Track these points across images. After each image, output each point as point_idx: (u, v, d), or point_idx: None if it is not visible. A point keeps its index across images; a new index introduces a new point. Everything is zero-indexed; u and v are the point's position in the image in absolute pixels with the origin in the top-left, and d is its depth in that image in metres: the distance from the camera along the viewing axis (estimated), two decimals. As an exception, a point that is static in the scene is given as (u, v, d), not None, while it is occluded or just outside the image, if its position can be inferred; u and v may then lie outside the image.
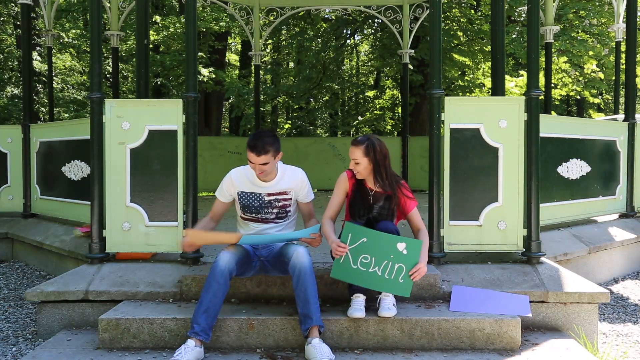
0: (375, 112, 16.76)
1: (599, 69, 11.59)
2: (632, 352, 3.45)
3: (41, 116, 13.60)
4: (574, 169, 4.88)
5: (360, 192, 3.40)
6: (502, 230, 3.77)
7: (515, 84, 11.69)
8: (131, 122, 3.80)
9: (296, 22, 14.17)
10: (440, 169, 3.73)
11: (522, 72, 12.78)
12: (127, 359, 3.00)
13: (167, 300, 3.52)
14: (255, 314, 3.22)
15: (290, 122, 17.65)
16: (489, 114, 3.76)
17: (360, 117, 17.04)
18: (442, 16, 7.78)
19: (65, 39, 14.46)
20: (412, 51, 9.08)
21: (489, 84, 12.98)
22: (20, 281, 5.11)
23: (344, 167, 3.69)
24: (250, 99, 13.48)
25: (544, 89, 6.83)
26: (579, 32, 11.31)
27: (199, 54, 12.63)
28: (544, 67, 7.36)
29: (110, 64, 11.43)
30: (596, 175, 5.15)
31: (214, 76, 12.98)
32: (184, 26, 11.13)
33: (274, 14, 8.90)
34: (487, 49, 12.00)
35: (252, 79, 14.38)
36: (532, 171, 3.74)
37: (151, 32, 11.75)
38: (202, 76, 12.54)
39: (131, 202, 3.81)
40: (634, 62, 5.78)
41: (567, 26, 11.08)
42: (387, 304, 3.15)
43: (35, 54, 12.75)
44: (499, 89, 4.27)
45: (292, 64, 18.56)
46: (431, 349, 3.12)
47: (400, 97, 13.64)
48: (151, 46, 12.20)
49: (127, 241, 3.82)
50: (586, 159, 5.01)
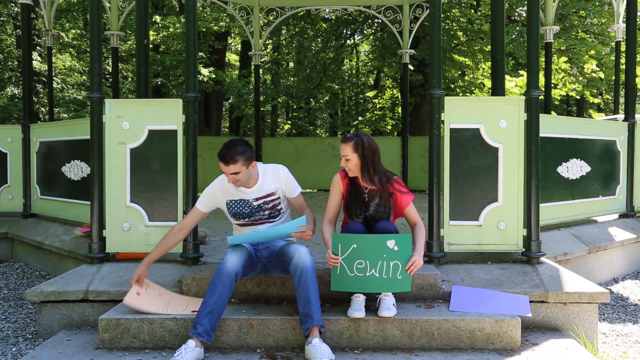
0: (375, 112, 16.75)
1: (598, 69, 11.60)
2: (632, 352, 3.45)
3: (41, 116, 13.60)
4: (574, 169, 4.88)
5: (355, 191, 3.40)
6: (502, 230, 3.77)
7: (515, 84, 11.69)
8: (131, 122, 3.80)
9: (296, 22, 14.17)
10: (440, 169, 3.73)
11: (522, 72, 12.77)
12: (127, 359, 3.00)
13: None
14: (255, 313, 3.22)
15: (290, 122, 17.65)
16: (489, 114, 3.76)
17: (360, 117, 17.04)
18: (442, 16, 7.80)
19: (65, 39, 14.47)
20: (412, 51, 9.08)
21: (489, 84, 12.99)
22: (20, 281, 5.11)
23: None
24: (250, 99, 13.49)
25: (544, 89, 6.83)
26: (579, 32, 11.31)
27: (199, 54, 12.63)
28: (544, 67, 7.36)
29: (110, 64, 11.43)
30: (596, 175, 5.15)
31: (214, 76, 12.98)
32: (184, 26, 11.13)
33: (274, 14, 8.90)
34: (487, 49, 12.00)
35: (252, 79, 14.38)
36: (532, 171, 3.74)
37: (151, 32, 11.75)
38: (202, 76, 12.55)
39: (131, 202, 3.81)
40: (634, 62, 5.78)
41: (567, 25, 11.08)
42: (387, 304, 3.15)
43: (35, 54, 12.76)
44: (499, 89, 4.27)
45: (292, 64, 18.57)
46: (431, 349, 3.12)
47: (400, 97, 13.64)
48: (151, 46, 12.21)
49: (127, 241, 3.83)
50: (586, 159, 5.01)
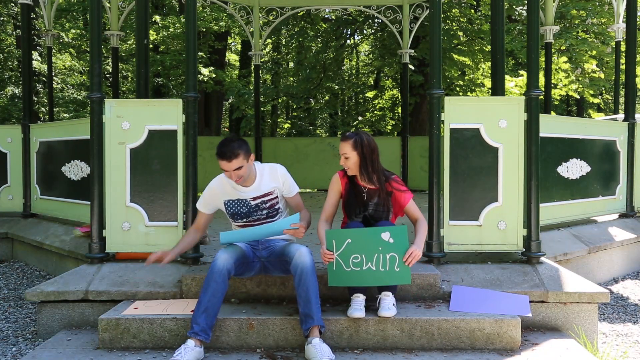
0: (375, 112, 16.75)
1: (598, 69, 11.60)
2: (632, 352, 3.45)
3: (41, 116, 13.60)
4: (574, 169, 4.88)
5: (353, 190, 3.41)
6: (502, 230, 3.77)
7: (515, 84, 11.68)
8: (131, 122, 3.80)
9: (296, 22, 14.16)
10: (440, 169, 3.73)
11: (522, 72, 12.76)
12: (127, 359, 3.00)
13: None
14: (255, 313, 3.22)
15: (290, 122, 17.64)
16: (489, 114, 3.76)
17: (360, 117, 17.03)
18: (442, 16, 7.78)
19: (65, 39, 14.46)
20: (412, 51, 9.08)
21: (489, 83, 12.97)
22: (20, 281, 5.11)
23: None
24: (250, 99, 13.48)
25: (543, 89, 6.83)
26: (579, 32, 11.31)
27: (199, 54, 12.63)
28: (544, 67, 7.36)
29: (110, 64, 11.43)
30: (596, 175, 5.15)
31: (214, 76, 12.97)
32: (184, 26, 11.13)
33: (274, 13, 8.90)
34: (487, 49, 11.99)
35: (252, 79, 14.38)
36: (532, 171, 3.74)
37: (151, 32, 11.74)
38: (202, 76, 12.54)
39: (131, 202, 3.81)
40: (634, 62, 5.78)
41: (567, 25, 11.08)
42: (387, 303, 3.15)
43: (35, 54, 12.75)
44: (499, 89, 4.27)
45: (292, 64, 18.56)
46: (431, 349, 3.12)
47: (400, 97, 13.63)
48: (151, 46, 12.21)
49: (127, 241, 3.82)
50: (586, 159, 5.01)
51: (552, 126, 4.60)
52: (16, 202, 6.04)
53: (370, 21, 13.48)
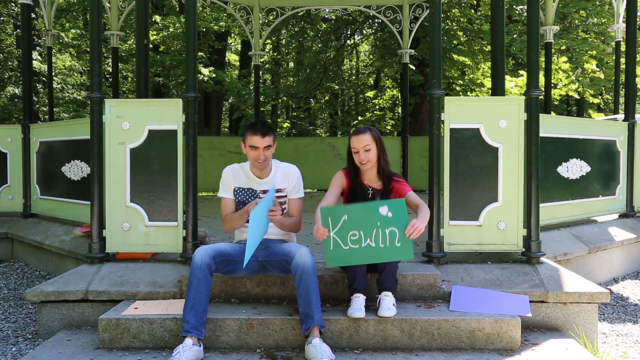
0: (375, 112, 16.75)
1: (598, 69, 11.60)
2: (632, 352, 3.45)
3: (41, 116, 13.61)
4: (574, 169, 4.88)
5: (357, 191, 3.41)
6: (502, 230, 3.77)
7: (515, 84, 11.69)
8: (131, 122, 3.80)
9: (296, 22, 14.17)
10: (440, 169, 3.73)
11: (522, 72, 12.77)
12: (127, 358, 3.00)
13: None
14: (255, 313, 3.22)
15: (290, 122, 17.64)
16: (489, 114, 3.76)
17: (360, 117, 17.03)
18: (442, 16, 7.80)
19: (65, 39, 14.47)
20: (412, 51, 9.08)
21: (489, 84, 12.97)
22: (20, 281, 5.11)
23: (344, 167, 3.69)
24: (250, 99, 13.49)
25: (543, 89, 6.83)
26: (579, 32, 11.31)
27: (199, 54, 12.63)
28: (544, 67, 7.36)
29: (110, 64, 11.44)
30: (596, 175, 5.15)
31: (214, 76, 12.98)
32: (184, 26, 11.13)
33: (274, 13, 8.90)
34: (487, 49, 12.00)
35: (252, 79, 14.38)
36: (532, 171, 3.74)
37: (151, 32, 11.74)
38: (202, 76, 12.55)
39: (131, 202, 3.81)
40: (634, 62, 5.78)
41: (567, 25, 11.08)
42: (387, 303, 3.15)
43: (35, 54, 12.76)
44: (499, 89, 4.27)
45: (292, 64, 18.56)
46: (431, 349, 3.12)
47: (400, 97, 13.64)
48: (151, 46, 12.21)
49: (127, 241, 3.82)
50: (586, 159, 5.01)
51: (552, 126, 4.60)
52: (16, 202, 6.04)
53: (370, 21, 13.49)
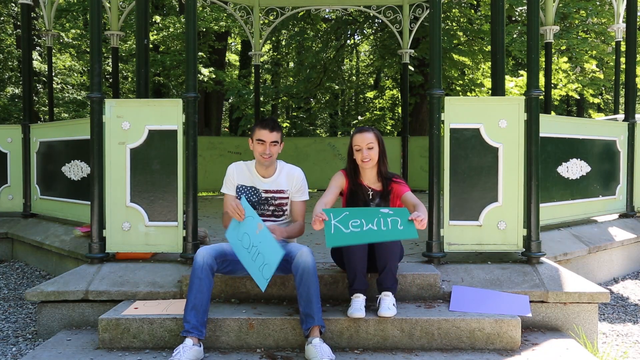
0: (375, 112, 16.76)
1: (598, 69, 11.60)
2: (632, 352, 3.45)
3: (41, 116, 13.61)
4: (574, 169, 4.88)
5: (357, 191, 3.42)
6: (502, 230, 3.77)
7: (515, 84, 11.69)
8: (131, 122, 3.80)
9: (296, 22, 14.17)
10: (440, 169, 3.73)
11: (522, 72, 12.77)
12: (127, 359, 3.00)
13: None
14: (255, 313, 3.22)
15: (290, 122, 17.65)
16: (489, 114, 3.76)
17: (360, 117, 17.04)
18: (442, 16, 7.79)
19: (65, 39, 14.47)
20: (412, 51, 9.08)
21: (489, 84, 12.98)
22: (20, 281, 5.11)
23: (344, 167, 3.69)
24: (250, 99, 13.49)
25: (544, 89, 6.84)
26: (579, 32, 11.32)
27: (199, 54, 12.64)
28: (544, 67, 7.36)
29: (110, 64, 11.44)
30: (596, 175, 5.15)
31: (214, 76, 12.99)
32: (184, 26, 11.14)
33: (274, 13, 8.91)
34: (487, 49, 12.00)
35: (252, 79, 14.38)
36: (532, 171, 3.73)
37: (151, 32, 11.75)
38: (202, 76, 12.55)
39: (131, 202, 3.81)
40: (634, 62, 5.78)
41: (567, 25, 11.09)
42: (387, 303, 3.15)
43: (35, 54, 12.76)
44: (499, 89, 4.27)
45: (292, 64, 18.56)
46: (431, 349, 3.12)
47: (400, 97, 13.64)
48: (151, 46, 12.21)
49: (127, 241, 3.82)
50: (586, 159, 5.01)
51: (552, 126, 4.60)
52: (16, 202, 6.04)
53: (370, 21, 13.49)
